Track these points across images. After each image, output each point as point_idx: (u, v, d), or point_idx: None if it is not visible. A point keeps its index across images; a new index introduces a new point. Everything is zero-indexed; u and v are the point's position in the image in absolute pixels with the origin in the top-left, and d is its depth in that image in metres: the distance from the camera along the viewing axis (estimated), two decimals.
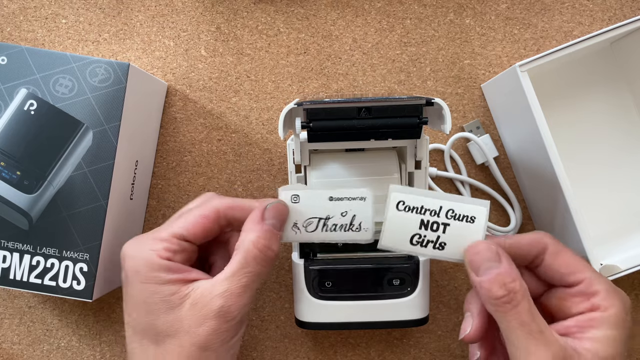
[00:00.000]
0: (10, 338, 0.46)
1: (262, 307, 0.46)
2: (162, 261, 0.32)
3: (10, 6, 0.47)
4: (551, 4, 0.46)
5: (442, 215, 0.33)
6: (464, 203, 0.33)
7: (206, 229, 0.34)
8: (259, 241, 0.32)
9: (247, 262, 0.32)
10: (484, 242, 0.33)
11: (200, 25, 0.47)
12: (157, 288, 0.32)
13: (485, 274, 0.31)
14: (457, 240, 0.33)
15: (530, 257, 0.34)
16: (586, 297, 0.32)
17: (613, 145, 0.46)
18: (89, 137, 0.38)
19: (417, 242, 0.34)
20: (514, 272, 0.31)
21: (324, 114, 0.34)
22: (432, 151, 0.46)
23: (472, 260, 0.32)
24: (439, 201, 0.33)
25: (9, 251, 0.38)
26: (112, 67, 0.38)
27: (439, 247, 0.33)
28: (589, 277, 0.32)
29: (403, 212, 0.33)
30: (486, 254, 0.32)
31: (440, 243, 0.33)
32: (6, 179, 0.38)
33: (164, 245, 0.33)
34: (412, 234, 0.33)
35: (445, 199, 0.33)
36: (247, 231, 0.33)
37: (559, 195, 0.39)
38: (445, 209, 0.33)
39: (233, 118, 0.46)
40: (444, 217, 0.33)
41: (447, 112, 0.34)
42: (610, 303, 0.31)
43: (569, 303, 0.33)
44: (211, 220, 0.34)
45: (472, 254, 0.32)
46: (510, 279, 0.31)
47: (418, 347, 0.46)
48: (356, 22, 0.47)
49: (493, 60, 0.46)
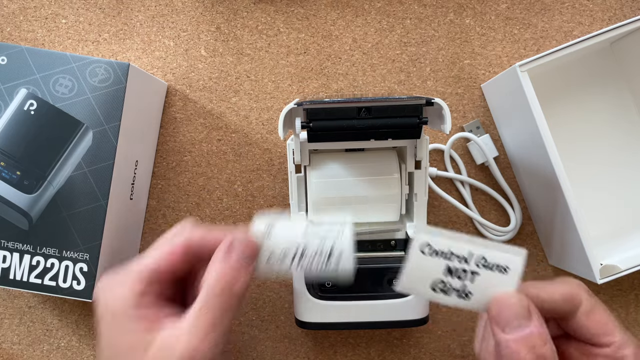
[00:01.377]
0: (10, 338, 0.46)
1: (262, 307, 0.46)
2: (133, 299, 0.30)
3: (10, 6, 0.47)
4: (551, 4, 0.46)
5: (472, 263, 0.30)
6: (498, 251, 0.30)
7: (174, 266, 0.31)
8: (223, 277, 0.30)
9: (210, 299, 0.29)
10: (516, 295, 0.29)
11: (200, 25, 0.47)
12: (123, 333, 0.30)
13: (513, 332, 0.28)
14: (485, 291, 0.30)
15: (562, 313, 0.31)
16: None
17: (613, 145, 0.45)
18: (89, 137, 0.38)
19: (440, 290, 0.30)
20: (545, 333, 0.28)
21: (324, 114, 0.34)
22: (432, 151, 0.46)
23: (499, 314, 0.29)
24: (469, 247, 0.30)
25: (9, 251, 0.38)
26: (112, 67, 0.38)
27: (464, 296, 0.30)
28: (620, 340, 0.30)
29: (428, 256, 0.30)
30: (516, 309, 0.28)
31: (466, 292, 0.30)
32: (6, 179, 0.38)
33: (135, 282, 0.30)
34: (434, 280, 0.30)
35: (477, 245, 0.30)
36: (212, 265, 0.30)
37: (559, 195, 0.39)
38: (476, 256, 0.30)
39: (233, 118, 0.47)
40: (474, 265, 0.30)
41: (447, 112, 0.34)
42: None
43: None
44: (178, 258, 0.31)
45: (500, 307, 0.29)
46: (541, 342, 0.28)
47: (418, 347, 0.46)
48: (356, 22, 0.47)
49: (493, 60, 0.46)
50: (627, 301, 0.46)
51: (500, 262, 0.30)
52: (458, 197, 0.46)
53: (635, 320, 0.46)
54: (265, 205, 0.46)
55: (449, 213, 0.46)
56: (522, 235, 0.46)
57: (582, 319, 0.30)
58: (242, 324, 0.46)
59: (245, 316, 0.46)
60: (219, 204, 0.46)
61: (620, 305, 0.46)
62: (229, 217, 0.46)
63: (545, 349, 0.28)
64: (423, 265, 0.30)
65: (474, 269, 0.30)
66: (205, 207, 0.46)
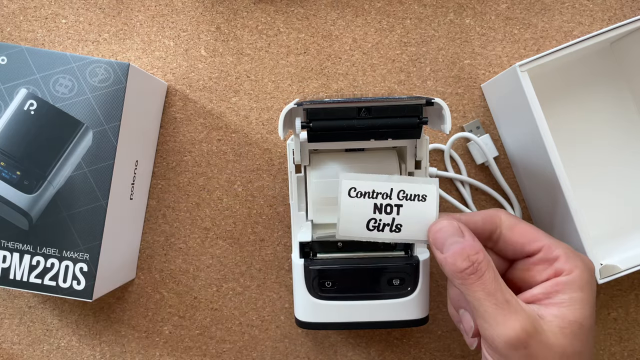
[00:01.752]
0: (10, 338, 0.46)
1: (262, 307, 0.46)
2: None
3: (10, 6, 0.47)
4: (551, 4, 0.46)
5: (394, 197, 0.33)
6: (413, 183, 0.33)
7: None
8: None
9: None
10: (446, 219, 0.33)
11: (200, 25, 0.47)
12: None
13: (450, 249, 0.32)
14: (411, 220, 0.33)
15: (486, 232, 0.34)
16: (548, 263, 0.32)
17: (613, 145, 0.46)
18: (89, 137, 0.38)
19: (374, 227, 0.34)
20: (477, 244, 0.32)
21: (324, 114, 0.34)
22: (432, 151, 0.46)
23: (435, 238, 0.33)
24: (389, 184, 0.33)
25: (9, 251, 0.38)
26: (112, 67, 0.38)
27: (396, 229, 0.34)
28: (548, 243, 0.33)
29: (355, 198, 0.33)
30: (449, 229, 0.32)
31: (396, 225, 0.34)
32: (6, 179, 0.38)
33: None
34: (367, 220, 0.34)
35: (394, 181, 0.33)
36: None
37: (559, 195, 0.39)
38: (396, 191, 0.33)
39: (233, 118, 0.47)
40: (396, 199, 0.33)
41: (447, 112, 0.33)
42: (572, 265, 0.32)
43: (533, 272, 0.33)
44: None
45: (435, 232, 0.33)
46: (473, 251, 0.31)
47: (418, 347, 0.46)
48: (356, 22, 0.47)
49: (493, 60, 0.46)
50: (627, 301, 0.46)
51: (417, 192, 0.33)
52: (458, 197, 0.46)
53: (635, 320, 0.46)
54: (265, 205, 0.46)
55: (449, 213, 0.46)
56: None
57: (507, 234, 0.34)
58: (242, 324, 0.46)
59: (245, 316, 0.46)
60: (219, 204, 0.46)
61: (620, 305, 0.46)
62: (229, 217, 0.46)
63: (478, 255, 0.31)
64: (353, 207, 0.33)
65: (396, 202, 0.33)
66: (205, 207, 0.46)
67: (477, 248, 0.32)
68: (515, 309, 0.30)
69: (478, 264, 0.31)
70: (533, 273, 0.33)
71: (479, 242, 0.32)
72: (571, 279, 0.31)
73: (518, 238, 0.34)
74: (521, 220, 0.34)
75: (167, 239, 0.46)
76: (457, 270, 0.31)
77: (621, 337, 0.46)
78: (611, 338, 0.46)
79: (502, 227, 0.34)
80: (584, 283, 0.31)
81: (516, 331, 0.29)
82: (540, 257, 0.33)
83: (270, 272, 0.46)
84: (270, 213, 0.46)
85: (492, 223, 0.34)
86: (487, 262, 0.31)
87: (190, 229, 0.46)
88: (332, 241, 0.39)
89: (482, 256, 0.31)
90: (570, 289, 0.31)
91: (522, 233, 0.33)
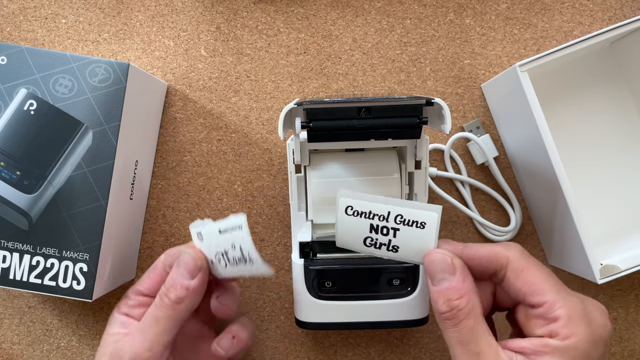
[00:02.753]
0: (10, 338, 0.46)
1: (262, 307, 0.46)
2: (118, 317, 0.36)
3: (10, 6, 0.47)
4: (551, 4, 0.46)
5: (391, 220, 0.32)
6: (413, 209, 0.32)
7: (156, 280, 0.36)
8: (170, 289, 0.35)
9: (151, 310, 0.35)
10: (440, 252, 0.31)
11: (200, 25, 0.47)
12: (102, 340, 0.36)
13: (438, 284, 0.31)
14: (409, 244, 0.32)
15: (491, 270, 0.32)
16: (546, 321, 0.30)
17: (613, 145, 0.45)
18: (89, 137, 0.38)
19: (371, 244, 0.33)
20: (464, 288, 0.30)
21: (323, 113, 0.34)
22: (432, 151, 0.46)
23: (427, 268, 0.32)
24: (386, 206, 0.32)
25: (9, 251, 0.38)
26: (112, 67, 0.38)
27: (393, 249, 0.33)
28: (552, 300, 0.30)
29: (352, 216, 0.33)
30: (440, 264, 0.31)
31: (392, 246, 0.33)
32: (6, 179, 0.38)
33: (123, 301, 0.37)
34: (363, 237, 0.33)
35: (393, 204, 0.32)
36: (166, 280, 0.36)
37: (559, 195, 0.39)
38: (393, 214, 0.32)
39: (233, 118, 0.46)
40: (393, 222, 0.32)
41: (447, 112, 0.33)
42: (571, 332, 0.29)
43: (532, 323, 0.31)
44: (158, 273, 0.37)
45: (428, 262, 0.31)
46: (456, 295, 0.30)
47: (418, 347, 0.46)
48: (356, 22, 0.47)
49: (493, 60, 0.46)
50: (627, 301, 0.46)
51: (416, 218, 0.32)
52: (458, 197, 0.46)
53: (635, 320, 0.46)
54: (265, 205, 0.46)
55: (449, 213, 0.46)
56: (522, 235, 0.46)
57: (511, 278, 0.31)
58: None
59: (245, 316, 0.46)
60: (219, 204, 0.46)
61: (620, 305, 0.46)
62: None
63: (459, 302, 0.30)
64: (350, 224, 0.33)
65: (393, 225, 0.32)
66: (205, 207, 0.46)
67: (462, 292, 0.30)
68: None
69: (458, 310, 0.30)
70: (532, 324, 0.31)
71: (469, 283, 0.31)
72: (563, 346, 0.29)
73: (521, 286, 0.31)
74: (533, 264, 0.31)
75: (167, 239, 0.46)
76: (438, 311, 0.30)
77: (621, 337, 0.46)
78: (611, 338, 0.46)
79: (507, 269, 0.31)
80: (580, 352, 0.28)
81: None
82: (540, 312, 0.30)
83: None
84: (270, 213, 0.46)
85: (497, 263, 0.31)
86: (468, 310, 0.30)
87: None
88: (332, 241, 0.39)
89: (465, 302, 0.30)
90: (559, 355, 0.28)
91: (528, 281, 0.31)
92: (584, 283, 0.46)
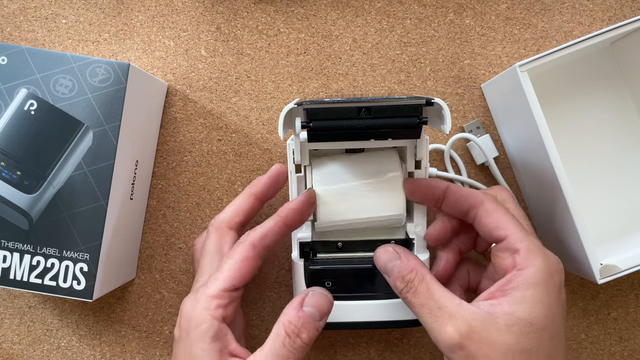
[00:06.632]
0: (10, 338, 0.46)
1: (262, 307, 0.46)
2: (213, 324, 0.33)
3: (10, 6, 0.47)
4: (551, 4, 0.46)
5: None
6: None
7: (251, 269, 0.34)
8: (289, 326, 0.32)
9: (275, 347, 0.32)
10: (381, 247, 0.36)
11: (200, 25, 0.47)
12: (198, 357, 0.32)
13: (391, 272, 0.34)
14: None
15: (465, 208, 0.35)
16: (509, 252, 0.32)
17: (613, 145, 0.46)
18: (89, 137, 0.38)
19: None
20: (410, 264, 0.34)
21: (324, 113, 0.34)
22: (432, 151, 0.46)
23: (378, 265, 0.36)
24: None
25: (9, 251, 0.38)
26: (112, 67, 0.38)
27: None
28: (513, 233, 0.33)
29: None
30: (385, 256, 0.35)
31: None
32: (6, 179, 0.38)
33: (216, 303, 0.33)
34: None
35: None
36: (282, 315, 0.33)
37: (559, 195, 0.39)
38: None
39: (233, 118, 0.47)
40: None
41: (447, 112, 0.33)
42: (529, 262, 0.31)
43: (499, 259, 0.33)
44: (253, 259, 0.34)
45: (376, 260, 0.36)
46: (407, 271, 0.33)
47: (418, 347, 0.46)
48: (356, 22, 0.47)
49: (493, 60, 0.46)
50: (627, 301, 0.46)
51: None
52: None
53: (635, 320, 0.46)
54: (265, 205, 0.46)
55: None
56: None
57: (481, 216, 0.34)
58: None
59: (245, 316, 0.46)
60: (219, 204, 0.46)
61: (620, 305, 0.46)
62: None
63: (410, 275, 0.33)
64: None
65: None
66: (206, 207, 0.46)
67: (410, 267, 0.33)
68: (449, 314, 0.31)
69: (411, 282, 0.33)
70: (498, 260, 0.33)
71: (413, 259, 0.34)
72: (524, 275, 0.31)
73: (488, 222, 0.34)
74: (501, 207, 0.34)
75: (167, 239, 0.46)
76: (398, 291, 0.34)
77: (621, 337, 0.46)
78: (611, 338, 0.46)
79: (479, 209, 0.34)
80: (538, 281, 0.31)
81: (449, 335, 0.30)
82: (503, 245, 0.33)
83: (270, 272, 0.46)
84: (270, 213, 0.46)
85: (472, 202, 0.35)
86: (419, 278, 0.33)
87: (191, 229, 0.46)
88: (332, 241, 0.39)
89: (414, 274, 0.33)
90: (524, 285, 0.31)
91: (495, 219, 0.34)
92: (584, 283, 0.46)
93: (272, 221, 0.35)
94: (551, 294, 0.31)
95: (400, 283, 0.33)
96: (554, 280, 0.32)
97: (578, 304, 0.46)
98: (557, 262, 0.33)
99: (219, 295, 0.33)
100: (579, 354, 0.46)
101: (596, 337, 0.46)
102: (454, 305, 0.31)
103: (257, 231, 0.35)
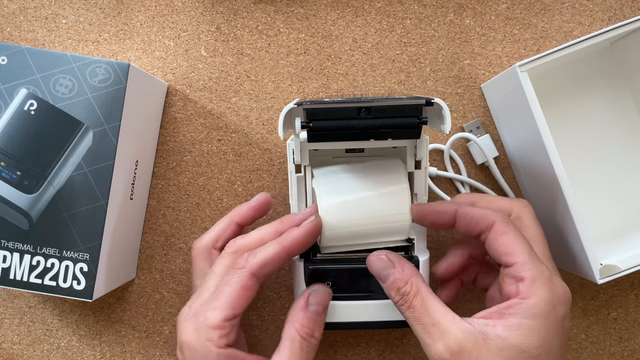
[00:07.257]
0: (10, 338, 0.46)
1: (262, 307, 0.46)
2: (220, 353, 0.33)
3: (10, 6, 0.47)
4: (551, 4, 0.46)
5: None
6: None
7: (250, 297, 0.34)
8: (303, 329, 0.34)
9: (294, 351, 0.33)
10: (374, 254, 0.35)
11: (200, 25, 0.47)
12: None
13: (386, 280, 0.34)
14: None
15: (476, 231, 0.35)
16: (514, 280, 0.32)
17: (613, 145, 0.45)
18: (89, 137, 0.38)
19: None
20: (405, 275, 0.33)
21: (323, 113, 0.34)
22: (432, 151, 0.46)
23: (371, 271, 0.35)
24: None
25: (9, 251, 0.38)
26: (112, 67, 0.38)
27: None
28: (522, 261, 0.32)
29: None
30: (378, 264, 0.35)
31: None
32: (6, 179, 0.38)
33: (218, 334, 0.33)
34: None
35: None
36: (292, 320, 0.34)
37: (559, 195, 0.39)
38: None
39: (233, 118, 0.47)
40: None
41: (446, 112, 0.33)
42: (532, 292, 0.31)
43: (504, 284, 0.33)
44: (251, 288, 0.34)
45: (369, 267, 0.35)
46: (402, 283, 0.33)
47: (418, 347, 0.46)
48: (356, 22, 0.47)
49: (493, 60, 0.46)
50: (627, 301, 0.46)
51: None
52: None
53: (635, 320, 0.46)
54: None
55: None
56: None
57: (492, 240, 0.34)
58: (242, 324, 0.46)
59: (245, 316, 0.46)
60: (219, 204, 0.46)
61: (620, 305, 0.46)
62: None
63: (406, 287, 0.33)
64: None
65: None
66: (205, 207, 0.46)
67: (405, 279, 0.33)
68: (442, 331, 0.31)
69: (406, 295, 0.33)
70: (504, 285, 0.33)
71: (409, 269, 0.34)
72: (525, 305, 0.31)
73: (498, 246, 0.33)
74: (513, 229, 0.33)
75: (167, 239, 0.46)
76: (393, 301, 0.34)
77: (621, 337, 0.46)
78: (611, 338, 0.46)
79: (490, 231, 0.34)
80: (538, 312, 0.30)
81: (439, 352, 0.30)
82: (510, 271, 0.32)
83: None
84: (270, 213, 0.46)
85: (484, 224, 0.34)
86: (415, 292, 0.33)
87: (191, 229, 0.46)
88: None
89: (409, 286, 0.33)
90: (522, 314, 0.30)
91: (505, 243, 0.33)
92: (584, 283, 0.46)
93: (274, 249, 0.34)
94: (550, 326, 0.31)
95: (395, 294, 0.33)
96: (556, 312, 0.31)
97: (578, 304, 0.46)
98: (563, 293, 0.32)
99: (220, 325, 0.33)
100: (579, 354, 0.46)
101: (596, 337, 0.46)
102: (447, 322, 0.31)
103: (257, 258, 0.34)
